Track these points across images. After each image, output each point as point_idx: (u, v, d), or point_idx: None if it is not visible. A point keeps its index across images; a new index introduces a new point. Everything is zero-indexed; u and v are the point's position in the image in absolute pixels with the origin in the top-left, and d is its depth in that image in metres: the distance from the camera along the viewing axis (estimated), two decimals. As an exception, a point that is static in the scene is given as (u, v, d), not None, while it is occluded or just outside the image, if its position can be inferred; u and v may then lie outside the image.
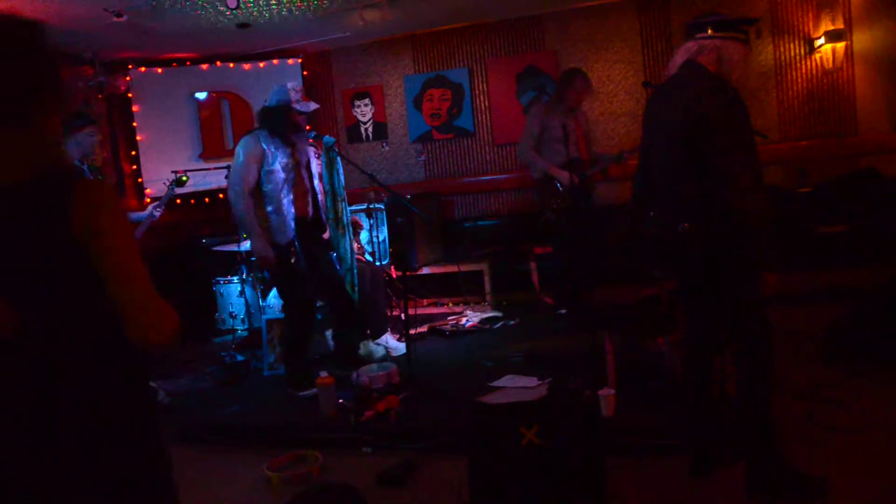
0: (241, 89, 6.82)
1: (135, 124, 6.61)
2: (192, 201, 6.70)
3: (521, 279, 5.98)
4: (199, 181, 6.11)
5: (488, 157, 6.94)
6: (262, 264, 4.16)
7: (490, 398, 3.58)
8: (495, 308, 5.92)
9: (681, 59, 2.60)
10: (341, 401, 3.67)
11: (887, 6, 5.85)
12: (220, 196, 6.72)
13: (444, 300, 6.26)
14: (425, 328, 5.39)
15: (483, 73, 6.86)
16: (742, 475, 2.56)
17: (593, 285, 5.03)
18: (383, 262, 5.86)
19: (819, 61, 6.03)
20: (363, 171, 4.71)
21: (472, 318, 5.60)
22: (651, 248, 2.71)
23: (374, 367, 4.22)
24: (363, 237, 5.69)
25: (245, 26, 5.82)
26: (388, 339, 4.90)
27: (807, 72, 6.09)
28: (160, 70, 6.71)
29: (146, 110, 6.67)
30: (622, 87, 6.49)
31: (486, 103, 6.88)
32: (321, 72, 7.29)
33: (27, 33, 1.41)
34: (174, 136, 6.74)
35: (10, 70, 1.37)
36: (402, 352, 4.47)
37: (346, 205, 4.65)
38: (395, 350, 4.76)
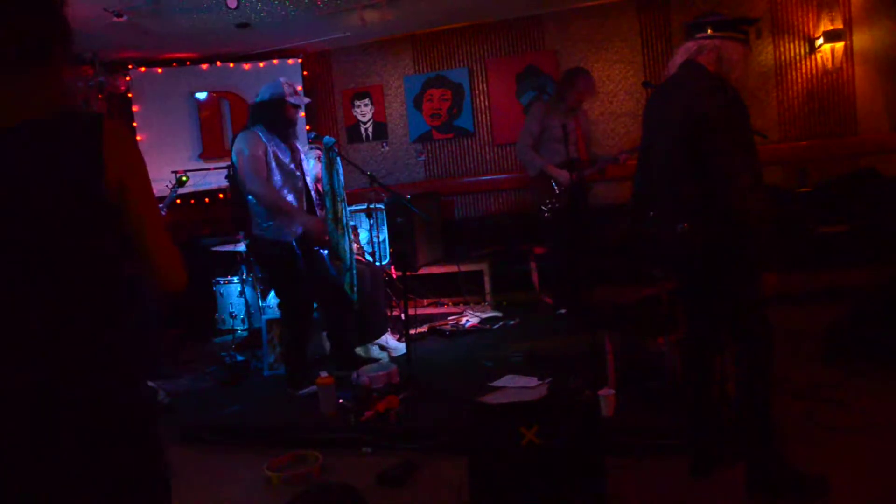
0: (241, 89, 6.81)
1: (135, 124, 6.61)
2: (192, 201, 6.70)
3: (521, 279, 5.98)
4: (199, 181, 6.11)
5: (488, 157, 6.94)
6: (317, 235, 4.09)
7: (490, 398, 3.58)
8: (495, 308, 5.92)
9: (680, 58, 2.60)
10: (341, 401, 3.67)
11: (887, 6, 5.85)
12: (220, 196, 6.73)
13: (444, 300, 6.26)
14: (425, 328, 5.39)
15: (483, 73, 6.86)
16: (742, 475, 2.56)
17: (593, 285, 5.03)
18: (383, 262, 5.86)
19: (819, 61, 6.03)
20: (363, 172, 4.70)
21: (472, 318, 5.60)
22: (651, 247, 2.71)
23: (374, 367, 4.23)
24: (363, 237, 5.69)
25: (245, 26, 5.82)
26: (388, 339, 4.90)
27: (807, 72, 6.09)
28: (160, 70, 6.71)
29: (146, 110, 6.67)
30: (622, 87, 6.49)
31: (486, 103, 6.88)
32: (321, 72, 7.29)
33: None
34: (174, 136, 6.74)
35: (30, 8, 1.37)
36: (402, 352, 4.47)
37: (346, 205, 4.65)
38: (395, 350, 4.76)
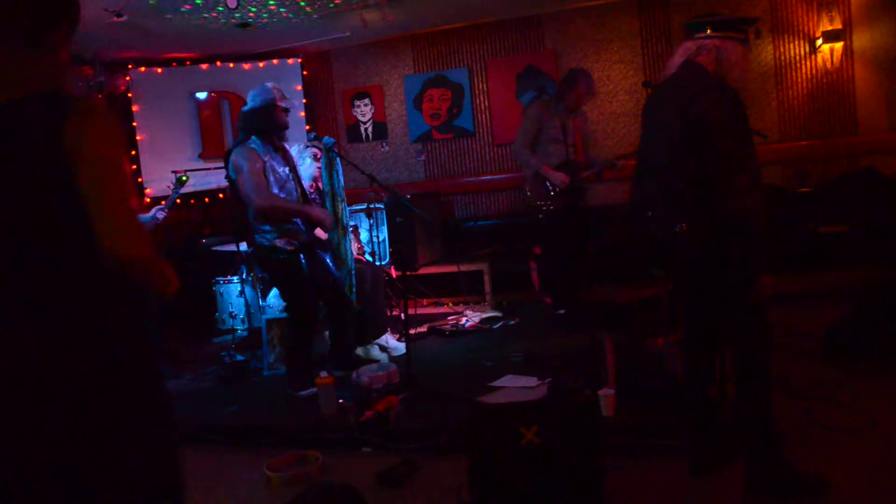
0: (241, 89, 6.81)
1: (135, 124, 6.61)
2: (192, 201, 6.70)
3: (521, 279, 5.98)
4: (199, 181, 6.12)
5: (488, 157, 6.94)
6: (327, 226, 4.23)
7: (490, 398, 3.58)
8: (495, 308, 5.92)
9: (679, 58, 2.60)
10: (341, 401, 3.66)
11: (887, 6, 5.85)
12: (220, 196, 6.73)
13: (444, 300, 6.26)
14: (425, 328, 5.39)
15: (483, 73, 6.86)
16: (742, 475, 2.56)
17: (591, 285, 5.01)
18: (383, 262, 5.86)
19: (819, 61, 6.04)
20: (363, 172, 4.70)
21: (472, 318, 5.60)
22: (649, 248, 2.71)
23: (374, 367, 4.22)
24: (363, 237, 5.69)
25: (245, 26, 5.82)
26: (388, 339, 4.90)
27: (807, 72, 6.09)
28: (160, 70, 6.71)
29: (146, 110, 6.67)
30: (622, 87, 6.49)
31: (486, 103, 6.88)
32: (321, 72, 7.29)
33: None
34: (174, 136, 6.74)
35: None
36: (402, 352, 4.47)
37: (346, 205, 4.65)
38: (395, 350, 4.76)
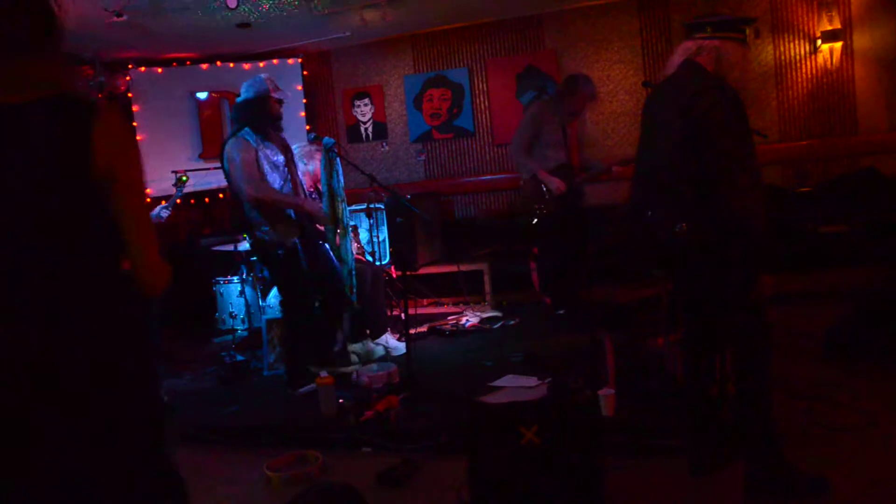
0: (242, 89, 6.82)
1: (135, 124, 6.61)
2: (192, 201, 6.70)
3: (521, 279, 5.98)
4: (199, 181, 6.12)
5: (488, 157, 6.94)
6: (320, 219, 4.22)
7: (490, 398, 3.58)
8: (495, 308, 5.92)
9: (679, 58, 2.59)
10: (341, 401, 3.67)
11: (887, 6, 5.85)
12: (220, 196, 6.73)
13: (444, 300, 6.26)
14: (425, 328, 5.39)
15: (483, 73, 6.86)
16: (742, 475, 2.56)
17: (591, 285, 5.01)
18: (383, 262, 5.86)
19: (819, 61, 6.03)
20: (362, 172, 4.70)
21: (472, 318, 5.60)
22: (649, 248, 2.71)
23: (374, 367, 4.22)
24: (363, 237, 5.69)
25: (245, 26, 5.82)
26: (388, 339, 4.90)
27: (807, 72, 6.09)
28: (160, 70, 6.71)
29: (146, 110, 6.67)
30: (622, 87, 6.49)
31: (486, 103, 6.88)
32: (321, 72, 7.29)
33: None
34: (174, 136, 6.74)
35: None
36: (402, 352, 4.46)
37: (346, 205, 4.64)
38: (395, 350, 4.76)
